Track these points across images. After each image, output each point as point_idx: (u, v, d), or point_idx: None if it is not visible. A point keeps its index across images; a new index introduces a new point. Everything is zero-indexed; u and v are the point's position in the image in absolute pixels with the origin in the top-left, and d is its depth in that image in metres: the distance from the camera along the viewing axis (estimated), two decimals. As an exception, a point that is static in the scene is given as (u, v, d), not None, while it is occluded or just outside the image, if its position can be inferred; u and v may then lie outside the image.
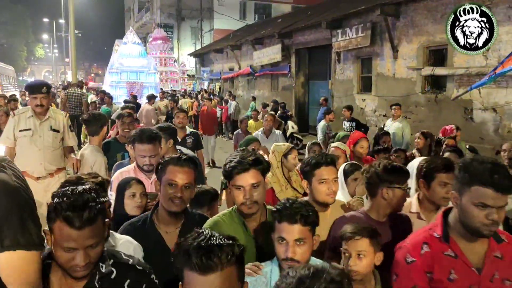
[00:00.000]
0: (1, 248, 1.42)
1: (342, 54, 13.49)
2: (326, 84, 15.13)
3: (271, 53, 17.95)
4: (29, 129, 4.28)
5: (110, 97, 12.82)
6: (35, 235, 1.49)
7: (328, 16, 14.37)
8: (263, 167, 2.09)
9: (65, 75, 43.09)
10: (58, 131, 4.40)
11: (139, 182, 2.77)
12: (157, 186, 2.26)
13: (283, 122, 12.28)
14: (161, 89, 19.23)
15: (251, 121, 9.65)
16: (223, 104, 16.97)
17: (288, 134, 13.26)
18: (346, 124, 8.82)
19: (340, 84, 13.78)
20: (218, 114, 16.47)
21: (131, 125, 4.75)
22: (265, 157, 5.20)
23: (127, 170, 3.17)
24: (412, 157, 4.96)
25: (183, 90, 24.74)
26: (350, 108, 9.21)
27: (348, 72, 13.40)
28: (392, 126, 8.08)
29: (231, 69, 23.72)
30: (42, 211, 1.60)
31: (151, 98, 12.25)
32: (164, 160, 2.22)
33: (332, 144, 4.38)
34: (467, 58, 9.16)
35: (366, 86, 12.79)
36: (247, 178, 2.02)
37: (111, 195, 2.89)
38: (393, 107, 8.30)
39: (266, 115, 7.88)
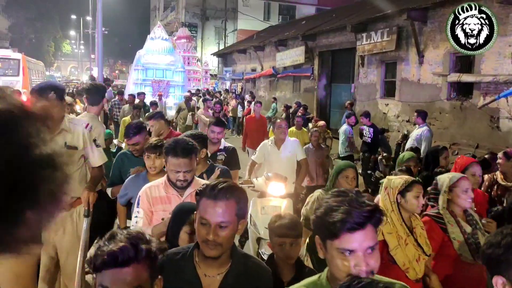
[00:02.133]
0: None
1: (366, 57, 13.38)
2: (348, 87, 15.03)
3: (294, 55, 17.93)
4: None
5: (134, 97, 12.03)
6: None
7: (353, 19, 14.28)
8: (381, 219, 1.45)
9: (90, 71, 43.88)
10: (75, 148, 3.36)
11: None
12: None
13: (330, 133, 11.18)
14: (189, 90, 18.42)
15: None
16: (246, 105, 17.03)
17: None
18: (366, 129, 8.72)
19: (363, 88, 13.66)
20: (239, 114, 16.60)
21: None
22: (283, 186, 4.71)
23: (157, 185, 2.79)
24: (495, 179, 4.68)
25: (205, 90, 24.87)
26: (367, 115, 9.03)
27: (372, 76, 13.28)
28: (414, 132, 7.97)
29: (253, 70, 23.77)
30: (45, 260, 1.49)
31: (204, 102, 11.63)
32: (199, 189, 1.79)
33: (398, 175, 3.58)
34: (495, 65, 8.99)
35: (389, 90, 12.66)
36: (362, 239, 1.38)
37: (138, 213, 2.70)
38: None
39: (313, 131, 7.10)
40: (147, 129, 4.28)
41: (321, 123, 9.62)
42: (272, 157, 5.38)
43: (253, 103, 17.19)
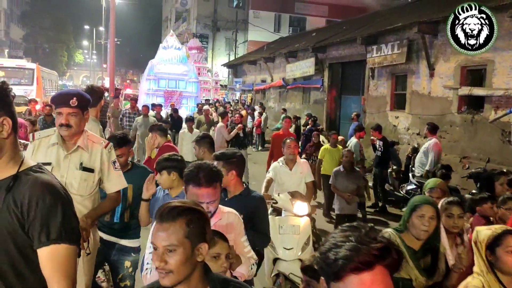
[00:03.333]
0: (47, 242, 1.52)
1: (377, 70, 13.39)
2: (358, 99, 15.02)
3: (304, 67, 18.00)
4: (49, 163, 2.77)
5: (148, 108, 11.38)
6: (76, 230, 1.64)
7: (364, 32, 14.32)
8: (397, 261, 1.18)
9: (102, 80, 44.33)
10: (92, 171, 2.88)
11: (224, 239, 2.16)
12: None
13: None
14: (205, 100, 18.02)
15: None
16: (256, 116, 17.07)
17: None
18: (379, 143, 8.70)
19: (373, 100, 13.66)
20: (249, 125, 16.62)
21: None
22: (306, 205, 4.62)
23: None
24: None
25: (215, 100, 25.01)
26: (378, 128, 8.98)
27: (382, 89, 13.27)
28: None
29: (263, 81, 23.88)
30: None
31: (224, 115, 10.81)
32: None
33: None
34: (507, 79, 8.95)
35: (399, 103, 12.63)
36: (369, 283, 1.12)
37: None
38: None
39: (345, 151, 6.52)
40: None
41: (341, 138, 9.21)
42: (284, 177, 5.17)
43: (263, 114, 17.34)
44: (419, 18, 10.90)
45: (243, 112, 17.78)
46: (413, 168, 8.30)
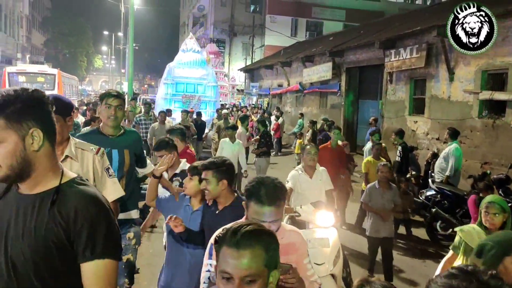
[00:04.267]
0: (91, 256, 1.51)
1: (395, 74, 13.26)
2: (376, 103, 14.90)
3: (321, 71, 17.93)
4: None
5: (165, 115, 11.20)
6: (119, 244, 1.62)
7: (382, 36, 14.21)
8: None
9: (121, 85, 44.91)
10: None
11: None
12: None
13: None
14: (221, 105, 17.55)
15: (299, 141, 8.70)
16: (273, 120, 17.03)
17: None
18: (399, 149, 8.55)
19: (391, 105, 13.52)
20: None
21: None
22: (332, 215, 4.31)
23: None
24: None
25: (232, 104, 25.09)
26: (400, 133, 8.76)
27: (400, 93, 13.13)
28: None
29: (280, 85, 23.88)
30: None
31: (244, 120, 10.74)
32: (217, 236, 1.51)
33: None
34: (530, 83, 8.77)
35: (418, 107, 12.48)
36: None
37: (211, 266, 2.16)
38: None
39: (381, 166, 5.53)
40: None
41: (345, 142, 8.44)
42: (304, 186, 4.92)
43: (280, 118, 17.30)
44: (438, 22, 10.76)
45: (253, 118, 17.24)
46: (433, 174, 8.17)
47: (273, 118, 17.45)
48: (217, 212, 2.89)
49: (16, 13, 35.75)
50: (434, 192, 7.46)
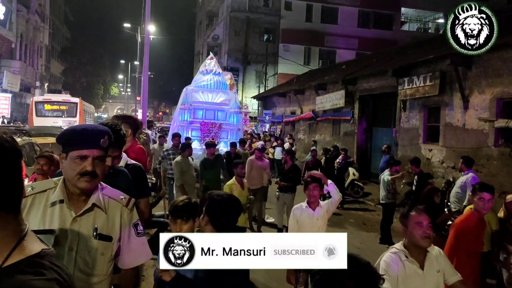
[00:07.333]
0: None
1: (408, 102, 13.21)
2: (390, 131, 14.81)
3: (334, 99, 17.97)
4: (50, 231, 1.91)
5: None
6: None
7: (395, 64, 14.25)
8: None
9: (136, 112, 45.57)
10: (109, 239, 2.04)
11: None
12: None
13: None
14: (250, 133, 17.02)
15: None
16: (288, 146, 16.95)
17: (348, 181, 12.99)
18: (415, 178, 8.43)
19: (405, 132, 13.42)
20: (278, 157, 16.29)
21: None
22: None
23: None
24: None
25: (245, 131, 25.15)
26: (415, 161, 8.67)
27: (414, 121, 13.05)
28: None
29: (293, 113, 23.96)
30: None
31: (262, 151, 9.91)
32: None
33: None
34: (547, 112, 8.64)
35: (432, 135, 12.36)
36: None
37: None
38: None
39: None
40: None
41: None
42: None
43: (293, 146, 17.21)
44: (451, 50, 10.77)
45: (256, 143, 15.75)
46: (448, 203, 7.99)
47: (286, 145, 17.39)
48: None
49: (37, 44, 36.85)
50: (450, 222, 7.25)
